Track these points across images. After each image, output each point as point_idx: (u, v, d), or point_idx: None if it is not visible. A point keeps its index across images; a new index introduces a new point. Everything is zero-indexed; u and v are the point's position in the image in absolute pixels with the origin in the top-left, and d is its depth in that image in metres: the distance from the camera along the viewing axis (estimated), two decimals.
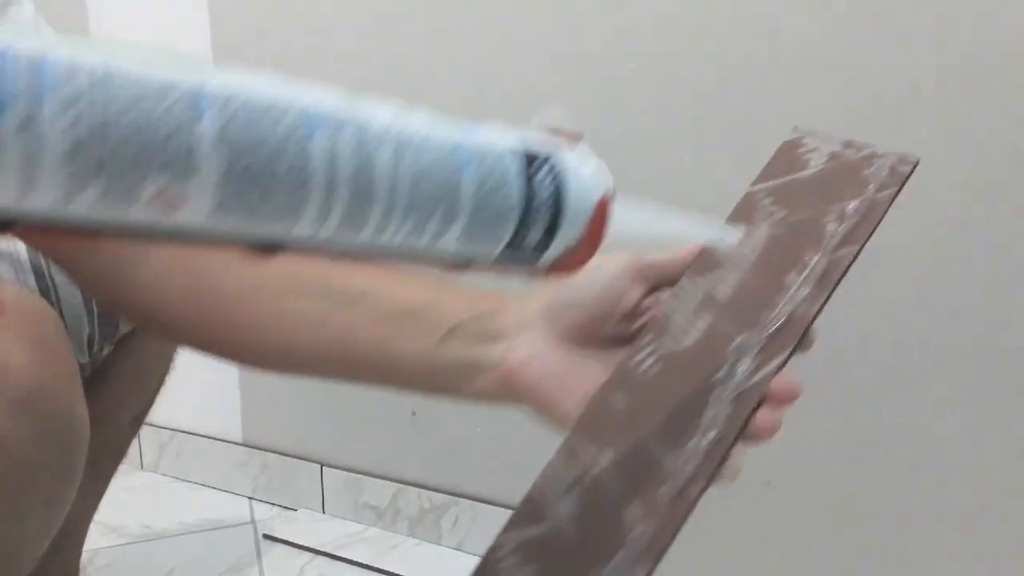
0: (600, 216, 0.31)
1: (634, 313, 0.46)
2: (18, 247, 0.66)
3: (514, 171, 0.29)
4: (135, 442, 0.91)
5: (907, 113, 0.76)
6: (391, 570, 1.03)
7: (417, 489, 1.10)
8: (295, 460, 1.18)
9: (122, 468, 0.85)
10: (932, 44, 0.75)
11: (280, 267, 0.47)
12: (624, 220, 0.33)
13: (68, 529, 0.63)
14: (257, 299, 0.48)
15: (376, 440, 1.13)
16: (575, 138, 0.32)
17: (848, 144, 0.47)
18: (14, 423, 0.42)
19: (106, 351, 0.72)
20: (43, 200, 0.20)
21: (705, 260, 0.46)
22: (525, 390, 0.46)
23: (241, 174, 0.22)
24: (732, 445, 0.40)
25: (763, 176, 0.48)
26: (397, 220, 0.26)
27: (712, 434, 0.41)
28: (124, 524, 1.12)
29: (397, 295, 0.48)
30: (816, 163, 0.47)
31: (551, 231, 0.30)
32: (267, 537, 1.11)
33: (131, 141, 0.20)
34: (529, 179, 0.29)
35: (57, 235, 0.22)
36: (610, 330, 0.46)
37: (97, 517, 0.83)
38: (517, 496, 0.42)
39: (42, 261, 0.66)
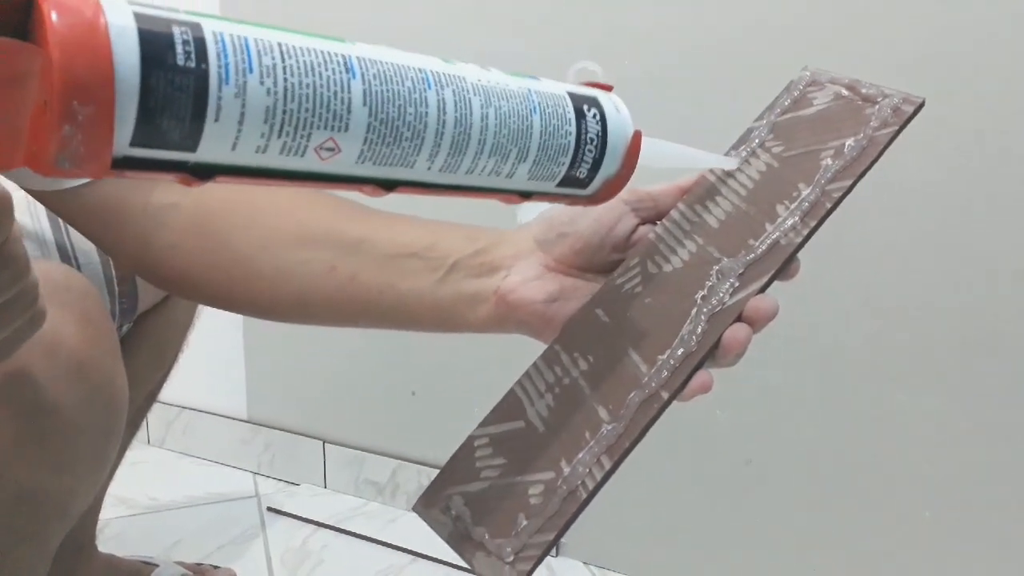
0: (635, 149, 0.38)
1: (626, 244, 0.47)
2: (43, 226, 0.69)
3: (570, 114, 0.35)
4: None
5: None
6: (390, 542, 1.07)
7: (416, 465, 1.14)
8: (298, 437, 1.21)
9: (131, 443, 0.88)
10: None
11: (288, 222, 0.51)
12: (648, 153, 0.39)
13: None
14: (270, 253, 0.50)
15: (377, 418, 1.16)
16: (608, 88, 0.38)
17: (855, 84, 0.48)
18: (67, 389, 0.46)
19: (125, 328, 0.76)
20: (243, 152, 0.26)
21: (700, 191, 0.47)
22: (516, 311, 0.47)
23: (378, 126, 0.28)
24: (702, 361, 0.43)
25: (766, 112, 0.50)
26: (485, 158, 0.32)
27: (684, 348, 0.43)
28: (133, 496, 1.15)
29: (398, 239, 0.50)
30: (820, 102, 0.48)
31: (597, 164, 0.37)
32: (271, 510, 1.14)
33: (307, 101, 0.26)
34: (581, 120, 0.36)
35: (243, 181, 0.27)
36: (602, 259, 0.47)
37: (108, 490, 0.87)
38: None
39: (66, 241, 0.69)
